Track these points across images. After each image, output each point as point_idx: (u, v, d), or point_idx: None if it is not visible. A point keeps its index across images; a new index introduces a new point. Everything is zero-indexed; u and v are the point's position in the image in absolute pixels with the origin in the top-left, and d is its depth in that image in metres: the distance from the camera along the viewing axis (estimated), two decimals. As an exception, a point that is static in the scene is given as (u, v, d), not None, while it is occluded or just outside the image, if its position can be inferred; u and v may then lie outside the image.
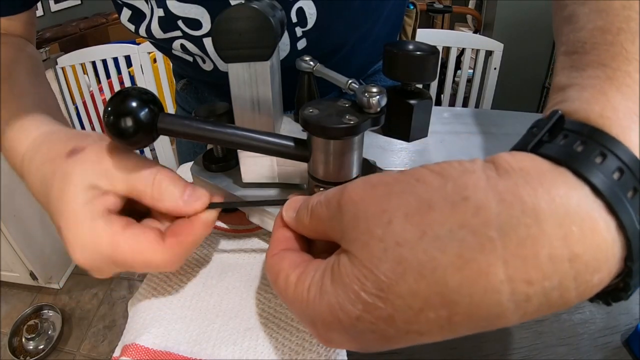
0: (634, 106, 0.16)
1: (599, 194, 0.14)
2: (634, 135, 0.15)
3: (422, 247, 0.15)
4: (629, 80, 0.16)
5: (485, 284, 0.14)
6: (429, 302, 0.15)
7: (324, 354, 0.25)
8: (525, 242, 0.14)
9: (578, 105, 0.17)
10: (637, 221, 0.14)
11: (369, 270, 0.16)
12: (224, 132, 0.25)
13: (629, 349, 0.29)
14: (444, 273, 0.14)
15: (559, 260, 0.14)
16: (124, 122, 0.23)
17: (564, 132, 0.16)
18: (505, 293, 0.14)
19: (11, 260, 1.44)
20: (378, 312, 0.15)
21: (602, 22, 0.19)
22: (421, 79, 0.37)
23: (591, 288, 0.14)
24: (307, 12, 0.39)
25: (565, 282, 0.14)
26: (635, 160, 0.15)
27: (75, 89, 1.56)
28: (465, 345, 0.30)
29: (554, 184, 0.14)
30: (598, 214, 0.14)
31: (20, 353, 1.35)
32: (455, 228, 0.14)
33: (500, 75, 1.40)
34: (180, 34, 0.40)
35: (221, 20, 0.25)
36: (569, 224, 0.14)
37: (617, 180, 0.14)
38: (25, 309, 1.44)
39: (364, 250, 0.16)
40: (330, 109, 0.25)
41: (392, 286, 0.15)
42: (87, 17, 2.37)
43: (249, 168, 0.32)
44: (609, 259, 0.14)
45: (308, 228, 0.21)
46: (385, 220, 0.16)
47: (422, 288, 0.15)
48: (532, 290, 0.14)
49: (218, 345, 0.26)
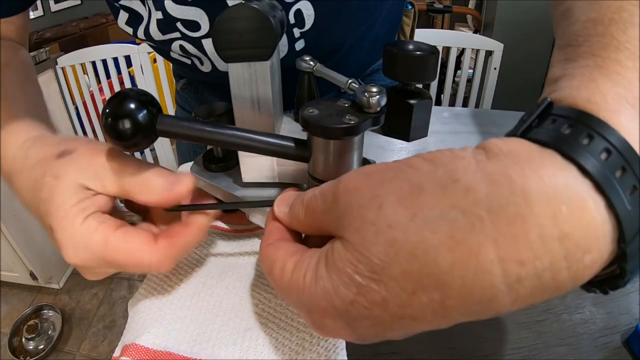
0: (624, 92, 0.16)
1: (587, 174, 0.14)
2: (622, 118, 0.15)
3: (413, 229, 0.15)
4: (619, 68, 0.17)
5: (476, 264, 0.14)
6: (422, 284, 0.15)
7: (324, 354, 0.25)
8: (514, 221, 0.14)
9: (567, 93, 0.17)
10: (628, 201, 0.14)
11: (361, 253, 0.16)
12: (224, 133, 0.25)
13: (629, 349, 0.29)
14: (435, 254, 0.14)
15: (549, 240, 0.14)
16: (123, 124, 0.23)
17: (552, 117, 0.16)
18: (496, 274, 0.14)
19: (11, 260, 1.44)
20: (372, 294, 0.15)
21: (594, 14, 0.19)
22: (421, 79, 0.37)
23: (583, 270, 0.14)
24: (305, 14, 0.39)
25: (557, 263, 0.14)
26: (623, 142, 0.15)
27: (75, 89, 1.56)
28: (465, 345, 0.29)
29: (542, 165, 0.15)
30: (586, 194, 0.14)
31: (20, 353, 1.35)
32: (445, 209, 0.15)
33: (500, 75, 1.40)
34: (179, 35, 0.40)
35: (221, 20, 0.25)
36: (558, 203, 0.14)
37: (605, 161, 0.14)
38: (25, 309, 1.44)
39: (357, 234, 0.16)
40: (330, 109, 0.25)
41: (385, 268, 0.15)
42: (87, 17, 2.37)
43: (249, 168, 0.32)
44: (599, 239, 0.14)
45: (303, 223, 0.21)
46: (377, 204, 0.16)
47: (414, 269, 0.15)
48: (524, 271, 0.14)
49: (218, 345, 0.26)
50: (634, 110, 0.16)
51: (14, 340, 1.38)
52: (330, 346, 0.25)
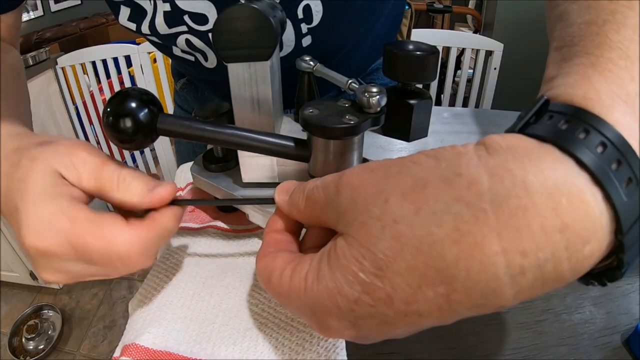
0: (617, 89, 0.17)
1: (584, 167, 0.15)
2: (616, 113, 0.16)
3: (418, 223, 0.15)
4: (612, 66, 0.17)
5: (480, 256, 0.14)
6: (427, 278, 0.15)
7: (324, 354, 0.25)
8: (516, 212, 0.14)
9: (563, 90, 0.18)
10: (624, 192, 0.15)
11: (366, 249, 0.16)
12: (224, 132, 0.25)
13: (629, 349, 0.29)
14: (441, 247, 0.15)
15: (550, 230, 0.14)
16: (124, 123, 0.23)
17: (549, 113, 0.17)
18: (500, 265, 0.14)
19: (11, 260, 1.44)
20: (377, 292, 0.15)
21: (589, 16, 0.20)
22: (421, 79, 0.37)
23: (583, 261, 0.15)
24: (313, 10, 0.40)
25: (558, 253, 0.14)
26: (617, 136, 0.15)
27: (75, 89, 1.56)
28: (465, 345, 0.30)
29: (541, 158, 0.15)
30: (585, 186, 0.15)
31: (20, 353, 1.35)
32: (450, 202, 0.15)
33: (500, 75, 1.40)
34: (186, 29, 0.40)
35: (221, 20, 0.25)
36: (558, 195, 0.14)
37: (601, 154, 0.15)
38: (25, 309, 1.44)
39: (362, 229, 0.16)
40: (330, 109, 0.25)
41: (390, 263, 0.15)
42: (87, 17, 2.37)
43: (249, 168, 0.32)
44: (597, 230, 0.15)
45: (302, 212, 0.21)
46: (382, 199, 0.16)
47: (419, 263, 0.15)
48: (527, 262, 0.14)
49: (218, 345, 0.26)
50: (626, 106, 0.16)
51: (14, 340, 1.38)
52: (330, 346, 0.25)
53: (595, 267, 0.16)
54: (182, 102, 0.59)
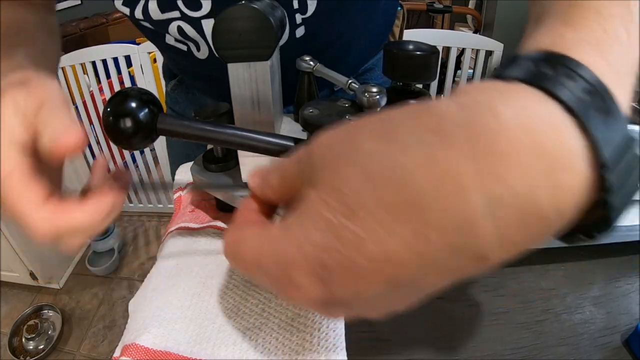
0: (587, 37, 0.17)
1: (555, 97, 0.15)
2: (583, 53, 0.16)
3: (388, 155, 0.15)
4: (583, 21, 0.18)
5: (453, 182, 0.14)
6: (400, 213, 0.14)
7: (324, 354, 0.25)
8: (487, 135, 0.14)
9: (531, 43, 0.18)
10: (600, 122, 0.14)
11: (335, 189, 0.15)
12: (224, 132, 0.25)
13: (629, 349, 0.29)
14: (412, 176, 0.14)
15: (522, 152, 0.14)
16: (123, 123, 0.23)
17: (517, 61, 0.17)
18: (474, 190, 0.14)
19: (11, 260, 1.44)
20: (346, 234, 0.15)
21: None
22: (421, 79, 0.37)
23: (563, 192, 0.14)
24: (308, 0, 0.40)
25: (534, 180, 0.14)
26: (586, 70, 0.16)
27: (75, 89, 1.56)
28: (465, 345, 0.30)
29: (509, 92, 0.15)
30: (557, 113, 0.14)
31: (20, 353, 1.35)
32: (419, 133, 0.15)
33: (500, 75, 1.40)
34: (179, 14, 0.40)
35: (221, 20, 0.25)
36: (529, 120, 0.14)
37: (573, 86, 0.15)
38: (25, 309, 1.44)
39: (331, 172, 0.16)
40: (330, 109, 0.25)
41: (360, 201, 0.14)
42: (87, 17, 2.37)
43: (249, 168, 0.32)
44: (574, 156, 0.14)
45: (277, 191, 0.20)
46: (350, 139, 0.16)
47: (390, 197, 0.14)
48: (501, 187, 0.14)
49: (218, 345, 0.26)
50: (596, 49, 0.17)
51: (14, 340, 1.37)
52: (330, 346, 0.25)
53: (584, 220, 0.15)
54: (172, 103, 0.58)
